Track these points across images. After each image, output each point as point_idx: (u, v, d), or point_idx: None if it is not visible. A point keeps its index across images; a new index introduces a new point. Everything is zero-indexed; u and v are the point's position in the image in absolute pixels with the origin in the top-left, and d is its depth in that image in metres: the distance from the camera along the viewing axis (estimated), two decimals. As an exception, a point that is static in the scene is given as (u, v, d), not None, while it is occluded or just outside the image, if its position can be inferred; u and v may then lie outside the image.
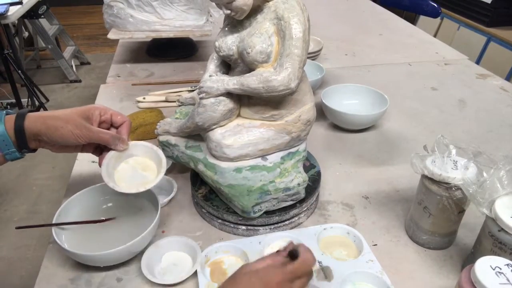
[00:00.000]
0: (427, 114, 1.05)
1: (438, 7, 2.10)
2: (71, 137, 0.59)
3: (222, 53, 0.64)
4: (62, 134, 0.59)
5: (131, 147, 0.66)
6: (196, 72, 1.23)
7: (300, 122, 0.65)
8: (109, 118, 0.65)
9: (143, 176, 0.65)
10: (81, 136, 0.60)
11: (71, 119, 0.60)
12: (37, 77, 3.10)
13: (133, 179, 0.64)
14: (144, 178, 0.64)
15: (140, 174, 0.65)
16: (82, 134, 0.60)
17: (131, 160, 0.66)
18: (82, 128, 0.60)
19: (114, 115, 0.65)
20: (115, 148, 0.63)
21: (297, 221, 0.70)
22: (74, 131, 0.59)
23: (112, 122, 0.65)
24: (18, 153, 0.60)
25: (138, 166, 0.66)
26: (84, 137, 0.60)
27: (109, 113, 0.65)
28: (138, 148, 0.66)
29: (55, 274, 0.62)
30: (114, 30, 1.19)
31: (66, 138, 0.59)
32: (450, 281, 0.61)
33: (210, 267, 0.62)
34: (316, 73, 1.11)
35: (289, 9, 0.58)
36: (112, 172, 0.64)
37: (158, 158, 0.66)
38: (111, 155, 0.64)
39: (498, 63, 2.24)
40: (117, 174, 0.64)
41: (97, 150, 0.67)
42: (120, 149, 0.64)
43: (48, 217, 1.86)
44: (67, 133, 0.59)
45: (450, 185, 0.59)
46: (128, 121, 0.66)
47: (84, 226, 0.65)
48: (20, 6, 2.25)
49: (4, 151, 0.59)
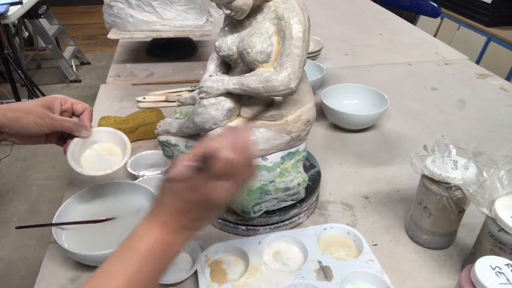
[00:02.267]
0: (427, 114, 1.05)
1: (438, 7, 2.10)
2: (34, 127, 0.60)
3: (222, 53, 0.64)
4: (24, 124, 0.60)
5: (95, 134, 0.67)
6: (196, 72, 1.23)
7: (300, 122, 0.65)
8: (70, 107, 0.66)
9: (109, 160, 0.66)
10: (44, 125, 0.60)
11: (32, 110, 0.61)
12: (37, 77, 3.10)
13: (100, 164, 0.66)
14: (110, 162, 0.66)
15: (106, 159, 0.67)
16: (45, 123, 0.60)
17: (96, 146, 0.68)
18: (45, 117, 0.60)
19: (74, 104, 0.66)
20: (79, 134, 0.65)
21: (297, 221, 0.70)
22: (36, 121, 0.60)
23: (73, 111, 0.67)
24: None
25: (104, 151, 0.68)
26: (47, 126, 0.61)
27: (69, 102, 0.66)
28: (102, 134, 0.68)
29: (55, 274, 0.62)
30: (114, 30, 1.19)
31: (29, 128, 0.60)
32: (450, 281, 0.61)
33: (210, 267, 0.62)
34: (316, 73, 1.11)
35: (289, 9, 0.58)
36: (78, 159, 0.65)
37: (122, 142, 0.68)
38: (76, 142, 0.65)
39: (498, 63, 2.23)
40: (83, 160, 0.66)
41: (61, 140, 0.68)
42: (83, 135, 0.65)
43: (48, 217, 1.85)
44: (29, 123, 0.60)
45: (450, 185, 0.59)
46: (89, 109, 0.67)
47: (84, 226, 0.65)
48: (20, 6, 2.25)
49: None
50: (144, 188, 0.69)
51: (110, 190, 0.71)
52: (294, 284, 0.58)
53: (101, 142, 0.68)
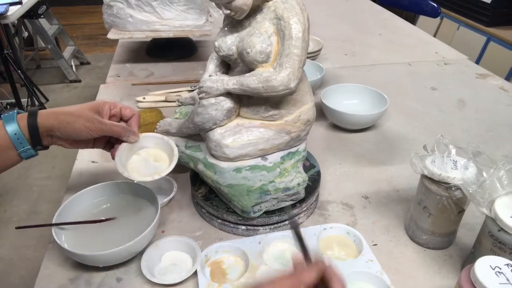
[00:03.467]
0: (427, 114, 1.05)
1: (438, 7, 2.10)
2: (84, 131, 0.60)
3: (221, 53, 0.64)
4: (74, 128, 0.60)
5: (142, 139, 0.67)
6: (196, 72, 1.23)
7: (299, 122, 0.65)
8: (119, 111, 0.66)
9: (155, 166, 0.66)
10: (93, 129, 0.61)
11: (83, 114, 0.61)
12: (36, 77, 3.10)
13: (146, 170, 0.65)
14: (156, 168, 0.65)
15: (153, 165, 0.66)
16: (95, 127, 0.61)
17: (142, 152, 0.67)
18: (95, 121, 0.61)
19: (123, 109, 0.66)
20: (127, 140, 0.65)
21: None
22: (86, 125, 0.60)
23: (122, 116, 0.67)
24: (33, 150, 0.61)
25: (150, 157, 0.67)
26: (96, 130, 0.61)
27: (118, 107, 0.66)
28: (149, 139, 0.68)
29: (55, 274, 0.62)
30: (113, 30, 1.19)
31: (79, 132, 0.60)
32: (450, 281, 0.61)
33: (210, 267, 0.62)
34: (316, 73, 1.11)
35: (288, 9, 0.58)
36: (125, 164, 0.65)
37: (169, 148, 0.67)
38: (124, 147, 0.65)
39: (497, 63, 2.24)
40: (130, 166, 0.65)
41: (108, 145, 0.68)
42: (131, 140, 0.65)
43: (48, 217, 1.85)
44: (79, 126, 0.60)
45: (449, 185, 0.59)
46: (137, 114, 0.67)
47: (84, 226, 0.65)
48: (20, 6, 2.25)
49: (19, 149, 0.59)
50: (144, 188, 0.69)
51: (110, 190, 0.71)
52: (294, 284, 0.58)
53: (148, 148, 0.68)
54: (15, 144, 0.59)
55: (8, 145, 0.58)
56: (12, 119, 0.58)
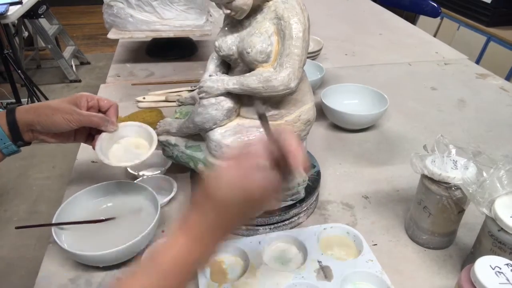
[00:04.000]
0: (427, 114, 1.05)
1: (438, 7, 2.10)
2: (63, 123, 0.62)
3: (222, 53, 0.64)
4: (54, 120, 0.61)
5: (122, 128, 0.69)
6: (196, 72, 1.23)
7: (300, 122, 0.65)
8: (96, 103, 0.67)
9: (136, 154, 0.67)
10: (72, 121, 0.62)
11: (61, 106, 0.62)
12: (37, 77, 3.10)
13: (127, 157, 0.67)
14: (137, 155, 0.67)
15: (134, 152, 0.68)
16: (73, 118, 0.62)
17: (123, 141, 0.69)
18: (73, 113, 0.62)
19: (100, 100, 0.68)
20: (106, 129, 0.66)
21: (297, 221, 0.70)
22: (65, 116, 0.62)
23: (100, 107, 0.68)
24: (14, 146, 0.62)
25: (131, 145, 0.69)
26: (75, 121, 0.62)
27: (95, 99, 0.67)
28: (129, 128, 0.70)
29: (55, 274, 0.62)
30: (114, 30, 1.19)
31: (58, 124, 0.62)
32: (450, 281, 0.61)
33: (210, 266, 0.62)
34: (316, 73, 1.11)
35: (289, 9, 0.58)
36: (106, 153, 0.66)
37: (149, 135, 0.69)
38: (103, 137, 0.67)
39: (498, 63, 2.23)
40: (111, 154, 0.67)
41: (89, 138, 0.69)
42: (110, 130, 0.67)
43: (48, 217, 1.85)
44: (58, 119, 0.61)
45: (449, 184, 0.59)
46: (115, 105, 0.69)
47: (84, 226, 0.65)
48: (20, 6, 2.25)
49: (0, 145, 0.61)
50: (144, 188, 0.69)
51: (110, 190, 0.71)
52: (294, 284, 0.58)
53: (128, 136, 0.70)
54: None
55: None
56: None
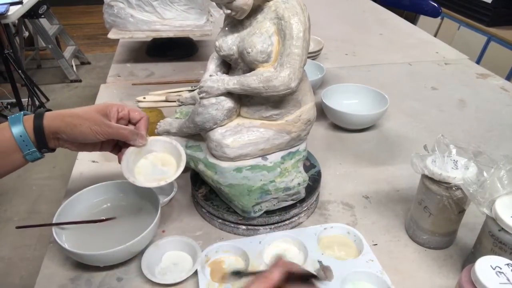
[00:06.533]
0: (427, 114, 1.05)
1: (438, 7, 2.10)
2: (90, 134, 0.59)
3: (222, 52, 0.64)
4: (81, 131, 0.59)
5: (150, 143, 0.65)
6: (196, 72, 1.23)
7: (300, 122, 0.65)
8: (127, 114, 0.64)
9: (162, 171, 0.64)
10: (100, 133, 0.59)
11: (89, 116, 0.59)
12: (37, 77, 3.10)
13: (153, 174, 0.64)
14: (163, 173, 0.64)
15: (160, 169, 0.65)
16: (101, 130, 0.59)
17: (150, 156, 0.66)
18: (101, 124, 0.59)
19: (131, 112, 0.65)
20: (134, 143, 0.63)
21: (297, 221, 0.70)
22: (93, 128, 0.59)
23: (130, 119, 0.65)
24: (38, 153, 0.60)
25: (158, 161, 0.65)
26: (103, 133, 0.60)
27: (126, 110, 0.64)
28: (157, 143, 0.66)
29: (55, 274, 0.62)
30: (114, 30, 1.19)
31: (85, 135, 0.59)
32: (450, 281, 0.61)
33: (210, 266, 0.62)
34: (316, 72, 1.11)
35: (289, 9, 0.58)
36: (132, 168, 0.63)
37: (177, 153, 0.66)
38: (131, 151, 0.63)
39: (498, 63, 2.23)
40: (136, 170, 0.64)
41: (116, 148, 0.67)
42: (139, 144, 0.64)
43: (48, 217, 1.85)
44: (86, 129, 0.59)
45: (450, 184, 0.59)
46: (146, 117, 0.66)
47: (84, 226, 0.65)
48: (20, 5, 2.25)
49: (25, 151, 0.58)
50: (145, 188, 0.69)
51: (110, 190, 0.71)
52: (294, 284, 0.58)
53: (156, 152, 0.66)
54: (21, 146, 0.58)
55: (13, 147, 0.57)
56: (18, 121, 0.57)
